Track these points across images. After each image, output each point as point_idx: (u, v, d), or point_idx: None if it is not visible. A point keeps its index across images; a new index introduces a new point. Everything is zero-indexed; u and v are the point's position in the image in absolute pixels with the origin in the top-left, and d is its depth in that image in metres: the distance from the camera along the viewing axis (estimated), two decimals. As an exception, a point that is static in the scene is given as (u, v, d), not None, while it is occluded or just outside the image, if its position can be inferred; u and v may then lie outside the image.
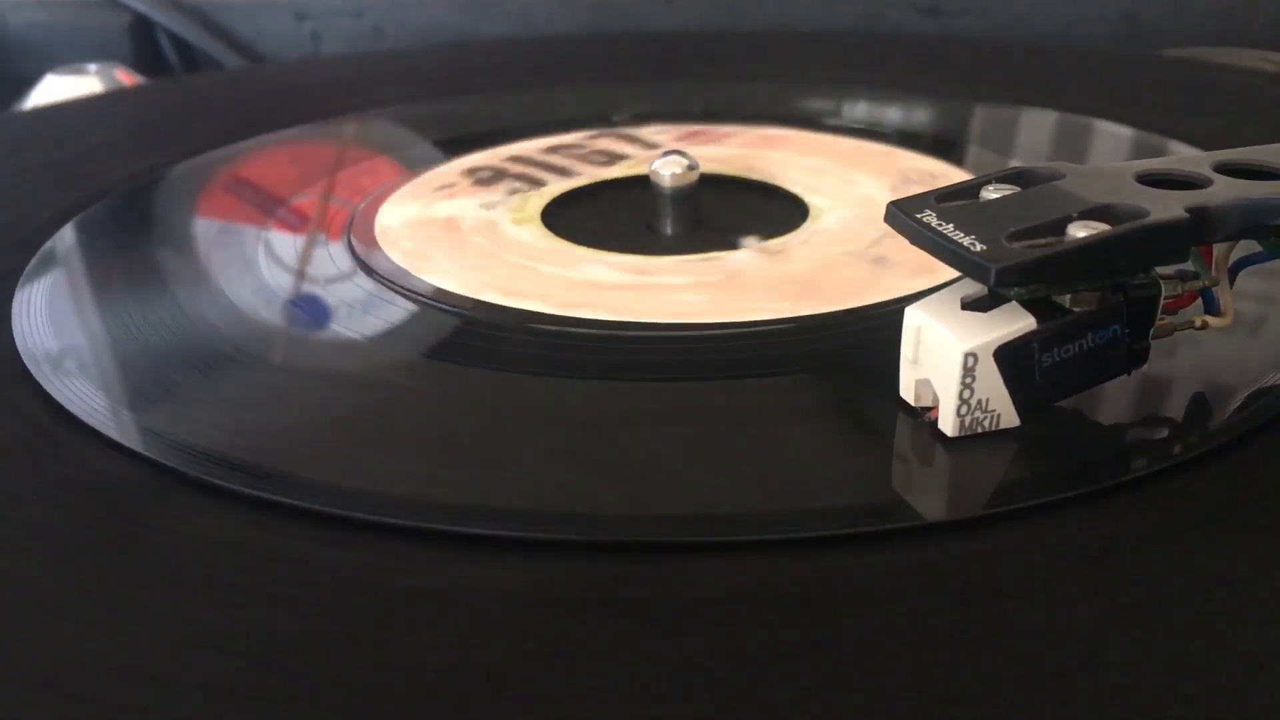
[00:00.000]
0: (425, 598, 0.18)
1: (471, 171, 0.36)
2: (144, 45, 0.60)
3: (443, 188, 0.35)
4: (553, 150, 0.38)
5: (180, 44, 0.61)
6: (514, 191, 0.34)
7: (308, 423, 0.23)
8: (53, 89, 0.52)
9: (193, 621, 0.17)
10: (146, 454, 0.21)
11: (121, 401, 0.23)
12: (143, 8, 0.60)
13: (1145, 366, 0.21)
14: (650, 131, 0.40)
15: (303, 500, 0.19)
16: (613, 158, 0.37)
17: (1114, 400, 0.22)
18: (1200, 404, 0.22)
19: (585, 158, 0.37)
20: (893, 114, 0.43)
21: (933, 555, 0.18)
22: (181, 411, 0.23)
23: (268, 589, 0.18)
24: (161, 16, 0.60)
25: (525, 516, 0.19)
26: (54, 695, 0.16)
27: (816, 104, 0.44)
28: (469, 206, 0.33)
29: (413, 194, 0.35)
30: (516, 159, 0.37)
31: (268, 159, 0.40)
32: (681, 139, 0.39)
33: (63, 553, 0.19)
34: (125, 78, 0.54)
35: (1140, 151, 0.36)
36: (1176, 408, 0.22)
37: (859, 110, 0.43)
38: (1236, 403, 0.22)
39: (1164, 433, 0.22)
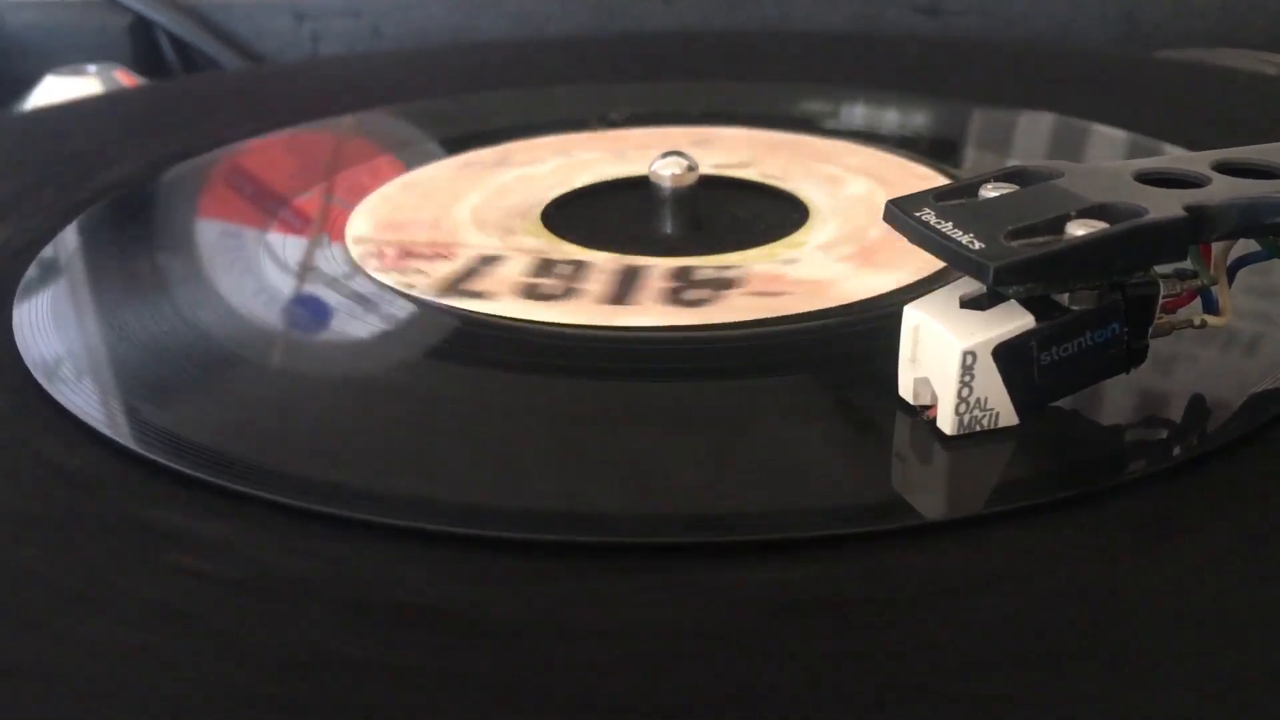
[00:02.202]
0: (422, 597, 0.18)
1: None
2: (144, 46, 0.60)
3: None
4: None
5: (180, 45, 0.61)
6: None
7: (308, 422, 0.23)
8: (53, 90, 0.52)
9: (195, 622, 0.17)
10: (146, 453, 0.21)
11: (121, 401, 0.23)
12: (142, 8, 0.60)
13: (1144, 365, 0.21)
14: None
15: (304, 500, 0.19)
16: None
17: (1113, 399, 0.22)
18: (1199, 404, 0.22)
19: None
20: (891, 115, 0.43)
21: (931, 554, 0.18)
22: (181, 410, 0.23)
23: (267, 588, 0.18)
24: (161, 17, 0.60)
25: (524, 516, 0.19)
26: (51, 691, 0.16)
27: (816, 105, 0.44)
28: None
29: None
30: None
31: (268, 159, 0.40)
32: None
33: (62, 551, 0.19)
34: (125, 78, 0.54)
35: (1138, 153, 0.36)
36: (1175, 408, 0.22)
37: (857, 111, 0.43)
38: (1236, 403, 0.22)
39: (1163, 433, 0.22)
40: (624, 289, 0.27)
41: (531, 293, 0.27)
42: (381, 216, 0.33)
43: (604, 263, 0.29)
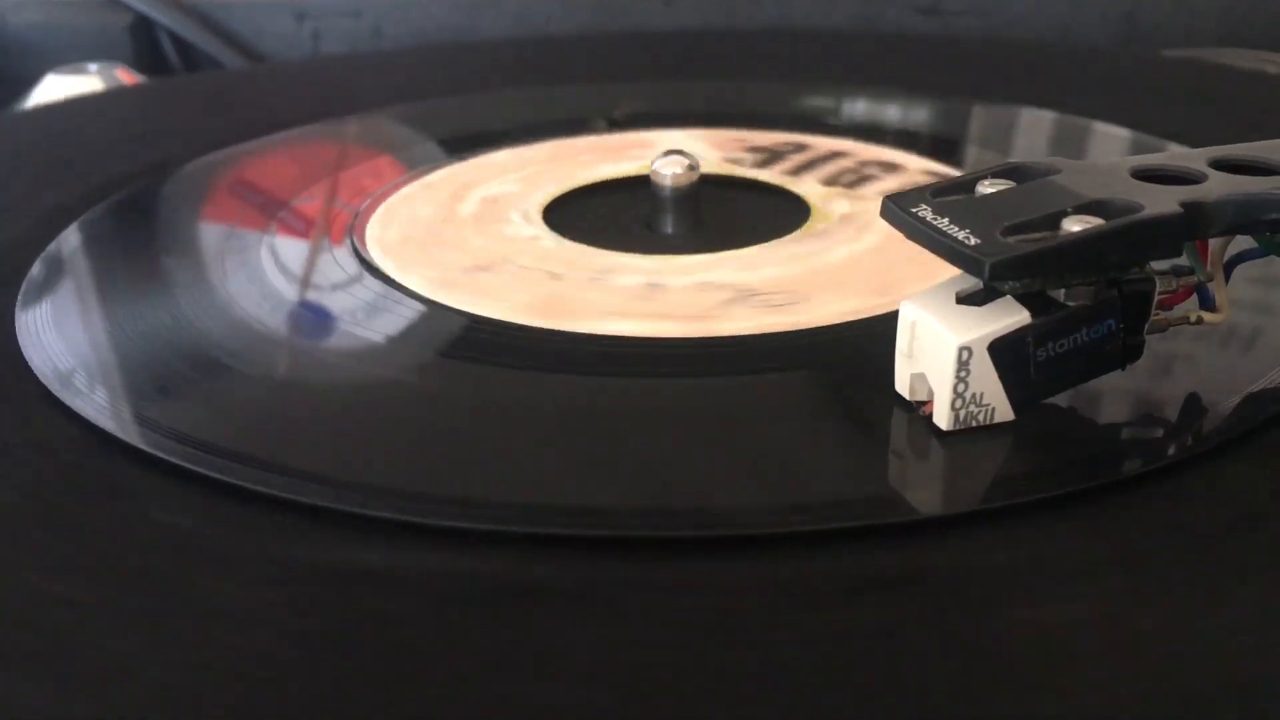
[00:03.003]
0: (423, 595, 0.18)
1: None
2: (145, 45, 0.60)
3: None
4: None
5: (181, 44, 0.61)
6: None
7: (309, 422, 0.23)
8: (54, 88, 0.52)
9: (195, 620, 0.17)
10: (149, 450, 0.21)
11: (123, 400, 0.23)
12: (143, 7, 0.60)
13: (1140, 362, 0.21)
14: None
15: (305, 498, 0.19)
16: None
17: (1108, 395, 0.22)
18: (1195, 401, 0.22)
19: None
20: (891, 114, 0.43)
21: (925, 550, 0.18)
22: (181, 411, 0.23)
23: (268, 587, 0.18)
24: (162, 16, 0.60)
25: (525, 512, 0.19)
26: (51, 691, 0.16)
27: (816, 104, 0.44)
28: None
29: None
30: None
31: (269, 159, 0.40)
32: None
33: (61, 551, 0.19)
34: (126, 77, 0.54)
35: (1138, 151, 0.36)
36: (1172, 404, 0.22)
37: (858, 110, 0.44)
38: (1233, 401, 0.22)
39: (1158, 430, 0.22)
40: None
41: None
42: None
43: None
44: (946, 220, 0.20)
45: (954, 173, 0.33)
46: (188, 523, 0.19)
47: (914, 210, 0.21)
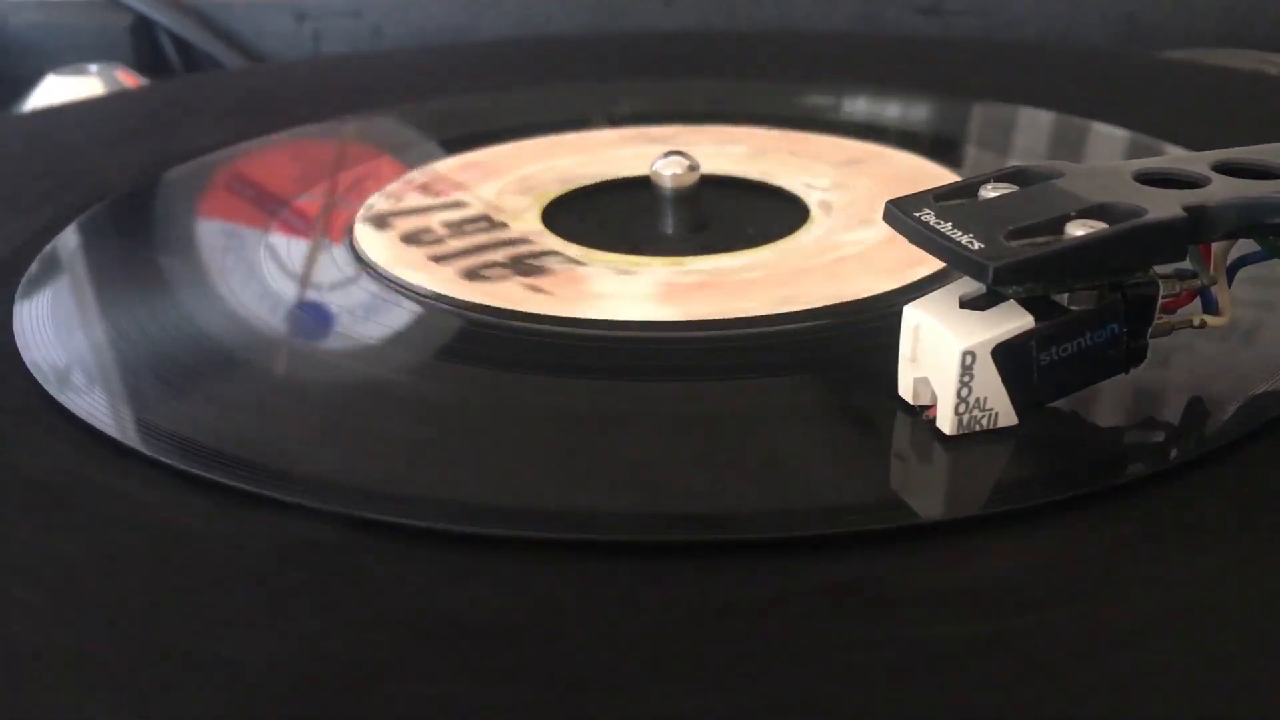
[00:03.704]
0: (422, 594, 0.18)
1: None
2: (145, 46, 0.60)
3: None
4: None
5: (181, 44, 0.61)
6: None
7: (308, 422, 0.23)
8: (54, 90, 0.52)
9: (192, 619, 0.17)
10: (146, 452, 0.21)
11: (122, 400, 0.23)
12: (144, 8, 0.60)
13: (1144, 366, 0.21)
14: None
15: (304, 499, 0.19)
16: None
17: (1112, 400, 0.22)
18: (1199, 405, 0.22)
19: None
20: (892, 114, 0.43)
21: (929, 555, 0.18)
22: (181, 409, 0.23)
23: (267, 586, 0.18)
24: (162, 17, 0.60)
25: (524, 515, 0.19)
26: (49, 690, 0.16)
27: (816, 104, 0.44)
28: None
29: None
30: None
31: (269, 159, 0.40)
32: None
33: (61, 548, 0.19)
34: (126, 78, 0.54)
35: (1140, 153, 0.36)
36: (1175, 409, 0.22)
37: (859, 110, 0.44)
38: (1236, 405, 0.22)
39: (1162, 434, 0.22)
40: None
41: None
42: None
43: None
44: (949, 224, 0.20)
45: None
46: (186, 522, 0.19)
47: (917, 214, 0.21)
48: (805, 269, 0.28)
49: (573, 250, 0.30)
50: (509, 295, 0.27)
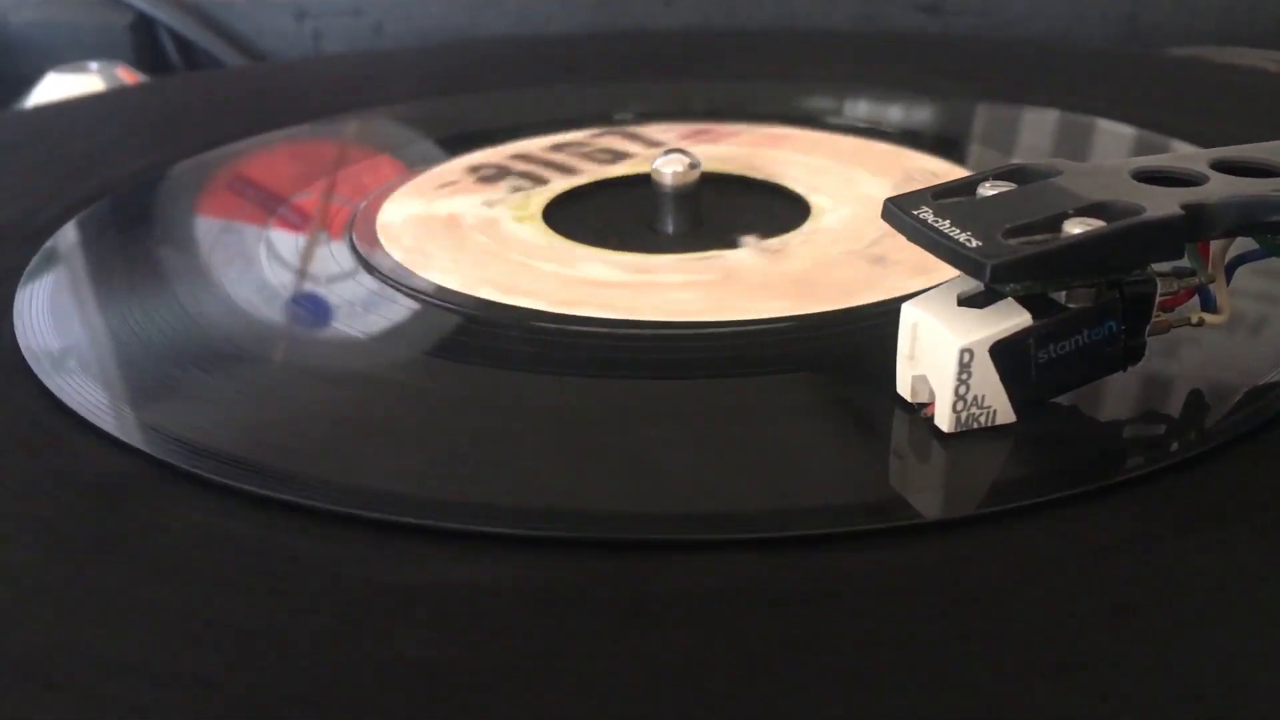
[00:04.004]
0: (422, 594, 0.18)
1: (475, 169, 0.36)
2: (145, 44, 0.60)
3: (445, 185, 0.35)
4: (557, 148, 0.38)
5: (182, 42, 0.61)
6: (516, 189, 0.34)
7: (307, 420, 0.23)
8: (54, 87, 0.52)
9: (191, 618, 0.17)
10: (146, 450, 0.21)
11: (122, 397, 0.23)
12: (144, 6, 0.60)
13: (1142, 364, 0.21)
14: (655, 130, 0.40)
15: (302, 497, 0.19)
16: (616, 155, 0.37)
17: (1110, 398, 0.22)
18: (1197, 402, 0.22)
19: (589, 155, 0.37)
20: (894, 113, 0.43)
21: (928, 552, 0.18)
22: (181, 408, 0.23)
23: (267, 586, 0.18)
24: (163, 15, 0.60)
25: (523, 514, 0.19)
26: (47, 689, 0.16)
27: (817, 103, 0.44)
28: (471, 204, 0.33)
29: (415, 191, 0.35)
30: (520, 156, 0.37)
31: (269, 157, 0.40)
32: (686, 137, 0.39)
33: (60, 548, 0.19)
34: (127, 76, 0.54)
35: (1141, 151, 0.36)
36: (1173, 406, 0.22)
37: (860, 109, 0.44)
38: (1234, 402, 0.22)
39: (1161, 431, 0.22)
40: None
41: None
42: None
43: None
44: (948, 222, 0.20)
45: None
46: (184, 521, 0.19)
47: (915, 212, 0.21)
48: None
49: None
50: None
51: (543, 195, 0.34)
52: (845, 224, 0.31)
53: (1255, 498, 0.19)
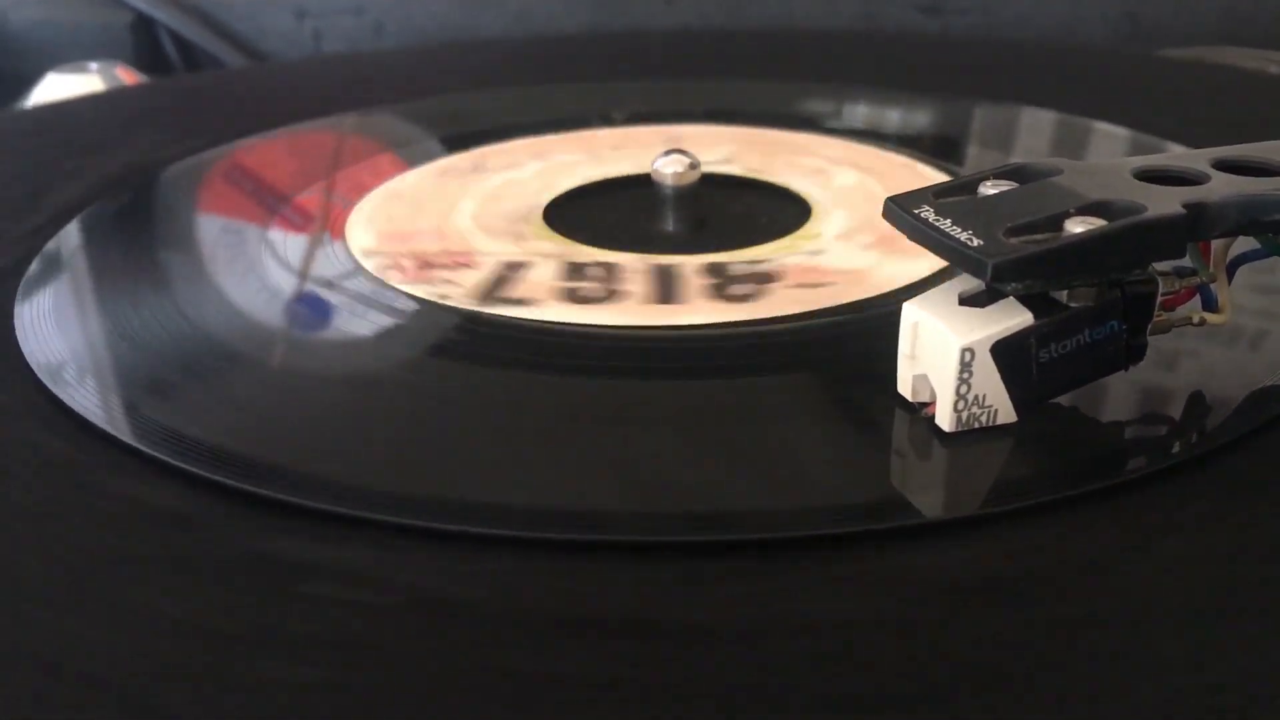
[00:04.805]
0: (422, 595, 0.18)
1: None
2: (145, 43, 0.60)
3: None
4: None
5: (182, 42, 0.61)
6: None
7: (307, 420, 0.23)
8: (54, 87, 0.52)
9: (191, 617, 0.17)
10: (146, 450, 0.21)
11: (122, 397, 0.23)
12: (144, 6, 0.60)
13: (1143, 363, 0.21)
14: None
15: (302, 498, 0.19)
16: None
17: (1112, 397, 0.22)
18: (1200, 403, 0.22)
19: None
20: (893, 113, 0.43)
21: (928, 553, 0.18)
22: (180, 408, 0.23)
23: (267, 585, 0.18)
24: (163, 15, 0.60)
25: (523, 515, 0.19)
26: (49, 690, 0.16)
27: (817, 103, 0.44)
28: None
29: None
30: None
31: (269, 157, 0.40)
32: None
33: (61, 547, 0.19)
34: (127, 76, 0.54)
35: (1141, 151, 0.36)
36: (1175, 406, 0.22)
37: (859, 110, 0.44)
38: (1237, 403, 0.22)
39: (1162, 431, 0.22)
40: (666, 289, 0.27)
41: (572, 296, 0.27)
42: (381, 228, 0.32)
43: (633, 263, 0.29)
44: (949, 221, 0.20)
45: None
46: (183, 519, 0.19)
47: (916, 211, 0.21)
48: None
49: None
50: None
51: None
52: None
53: (1256, 499, 0.19)
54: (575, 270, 0.29)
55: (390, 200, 0.34)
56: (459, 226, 0.32)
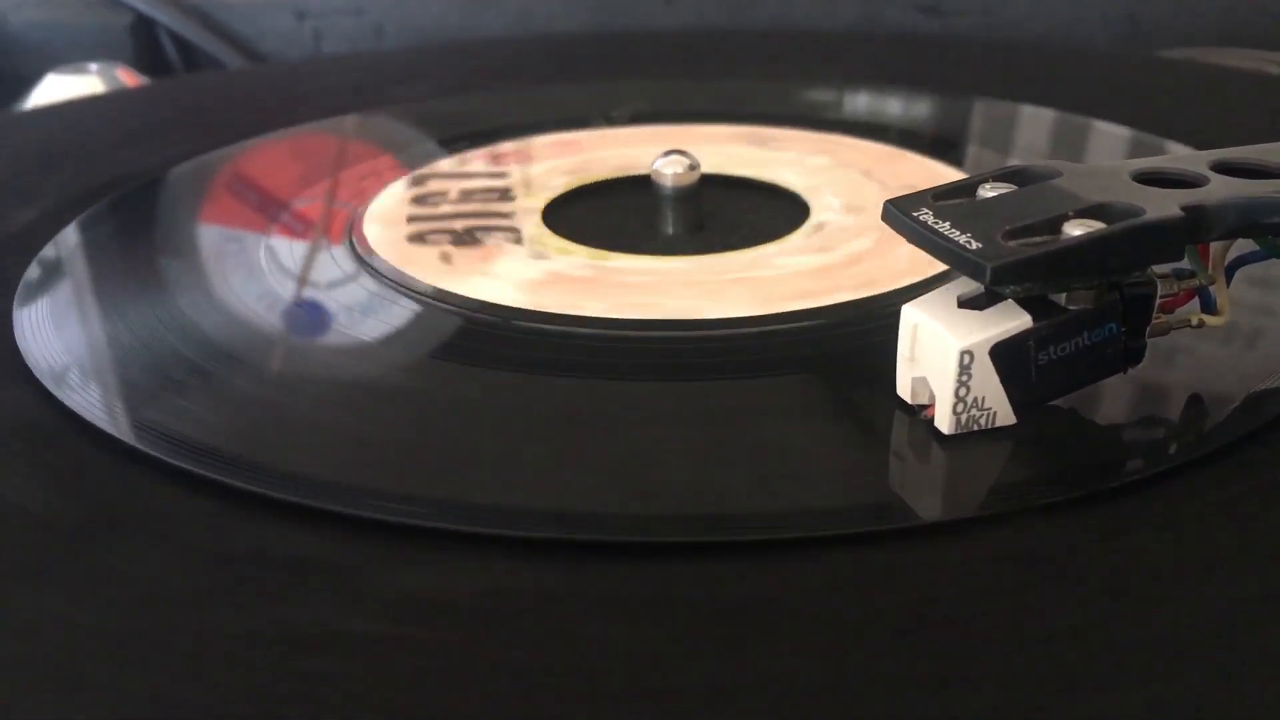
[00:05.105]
0: (423, 595, 0.18)
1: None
2: (145, 45, 0.60)
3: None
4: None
5: (182, 43, 0.61)
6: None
7: (308, 421, 0.23)
8: (54, 88, 0.52)
9: (192, 617, 0.17)
10: (147, 451, 0.21)
11: (121, 400, 0.23)
12: (144, 7, 0.60)
13: (1142, 365, 0.21)
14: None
15: (303, 498, 0.19)
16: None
17: (1110, 399, 0.22)
18: (1198, 405, 0.22)
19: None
20: (893, 113, 0.43)
21: (927, 554, 0.18)
22: (181, 409, 0.23)
23: (268, 585, 0.18)
24: (163, 16, 0.60)
25: (523, 516, 0.19)
26: (51, 691, 0.16)
27: (816, 103, 0.44)
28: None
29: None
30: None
31: (269, 159, 0.40)
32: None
33: (61, 548, 0.19)
34: (127, 77, 0.54)
35: (1140, 152, 0.36)
36: (1173, 409, 0.22)
37: (859, 109, 0.44)
38: (1235, 405, 0.22)
39: (1161, 434, 0.22)
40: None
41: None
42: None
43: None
44: (948, 224, 0.20)
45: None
46: (186, 522, 0.19)
47: (915, 214, 0.21)
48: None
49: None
50: (421, 260, 0.29)
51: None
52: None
53: (1256, 501, 0.19)
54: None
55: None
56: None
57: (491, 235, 0.31)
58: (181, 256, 0.31)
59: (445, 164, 0.37)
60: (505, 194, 0.34)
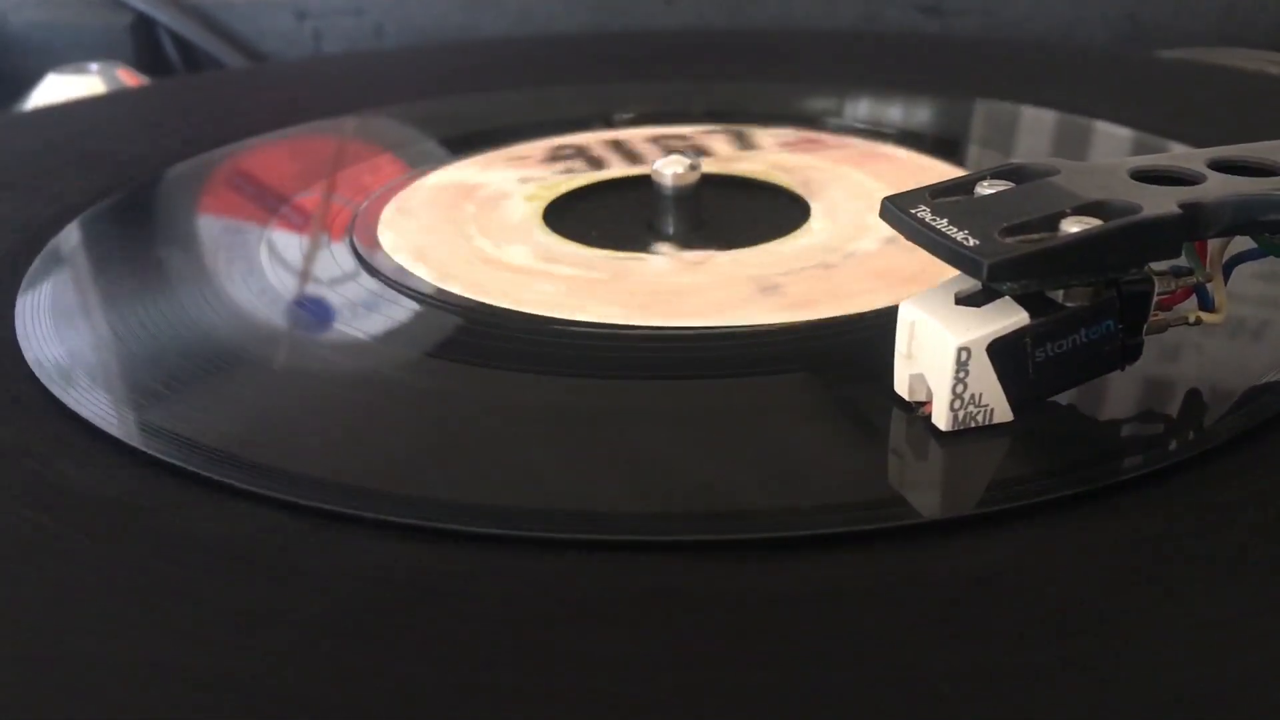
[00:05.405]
0: (423, 596, 0.18)
1: (558, 149, 0.38)
2: (146, 45, 0.60)
3: (516, 158, 0.37)
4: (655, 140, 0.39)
5: (182, 43, 0.61)
6: (568, 170, 0.36)
7: (308, 421, 0.23)
8: (54, 88, 0.52)
9: (192, 618, 0.17)
10: (148, 451, 0.21)
11: (123, 398, 0.23)
12: (145, 7, 0.60)
13: (1139, 362, 0.21)
14: (762, 135, 0.39)
15: (303, 498, 0.19)
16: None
17: (1108, 397, 0.22)
18: (1196, 402, 0.22)
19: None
20: (893, 113, 0.43)
21: (925, 551, 0.18)
22: (181, 409, 0.23)
23: (268, 586, 0.18)
24: (163, 16, 0.60)
25: (524, 515, 0.19)
26: (54, 693, 0.16)
27: (816, 103, 0.44)
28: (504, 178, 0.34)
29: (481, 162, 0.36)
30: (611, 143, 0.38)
31: (270, 158, 0.40)
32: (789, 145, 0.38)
33: (62, 547, 0.19)
34: (127, 77, 0.54)
35: (1141, 152, 0.36)
36: (1171, 405, 0.22)
37: (859, 109, 0.44)
38: (1233, 401, 0.22)
39: (1158, 430, 0.22)
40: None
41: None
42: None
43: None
44: (945, 221, 0.20)
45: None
46: (187, 522, 0.19)
47: (913, 211, 0.21)
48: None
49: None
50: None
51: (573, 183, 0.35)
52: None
53: (1254, 498, 0.19)
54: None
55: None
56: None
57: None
58: (182, 255, 0.31)
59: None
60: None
